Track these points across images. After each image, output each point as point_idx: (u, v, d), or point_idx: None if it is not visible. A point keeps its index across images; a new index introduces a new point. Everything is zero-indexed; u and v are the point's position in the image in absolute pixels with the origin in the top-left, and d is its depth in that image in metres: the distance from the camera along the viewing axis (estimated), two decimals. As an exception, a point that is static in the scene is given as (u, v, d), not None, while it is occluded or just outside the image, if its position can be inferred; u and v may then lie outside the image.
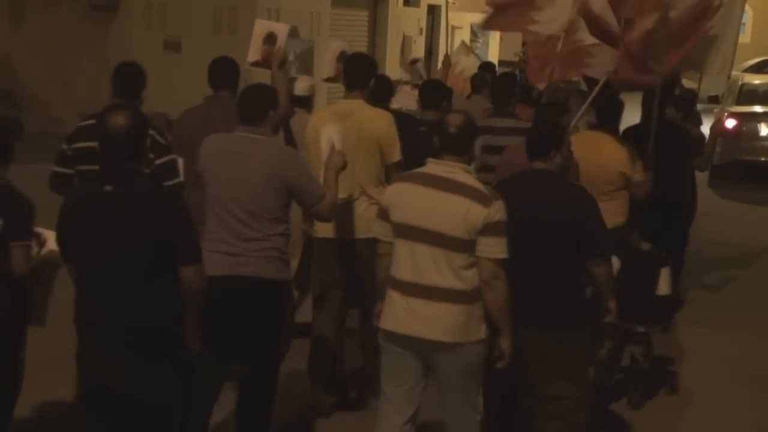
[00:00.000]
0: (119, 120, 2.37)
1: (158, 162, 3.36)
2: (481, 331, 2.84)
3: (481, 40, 18.00)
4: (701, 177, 7.86)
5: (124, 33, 11.22)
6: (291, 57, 4.41)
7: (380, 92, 4.17)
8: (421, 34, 16.36)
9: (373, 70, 3.97)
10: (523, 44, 13.29)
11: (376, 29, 14.69)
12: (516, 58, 15.21)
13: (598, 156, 4.16)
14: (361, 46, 14.24)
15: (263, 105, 3.11)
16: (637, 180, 4.28)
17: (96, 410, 2.49)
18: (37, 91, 10.94)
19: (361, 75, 3.85)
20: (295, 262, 3.89)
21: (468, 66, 7.60)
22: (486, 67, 7.82)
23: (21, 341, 3.05)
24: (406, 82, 7.09)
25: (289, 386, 3.58)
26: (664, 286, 3.99)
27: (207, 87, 4.16)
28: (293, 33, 9.13)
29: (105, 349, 2.40)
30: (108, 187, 2.37)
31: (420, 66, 8.35)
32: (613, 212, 4.00)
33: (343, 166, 3.27)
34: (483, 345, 2.87)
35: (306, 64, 4.82)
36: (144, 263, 2.37)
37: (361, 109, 3.76)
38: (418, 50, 15.21)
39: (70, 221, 2.47)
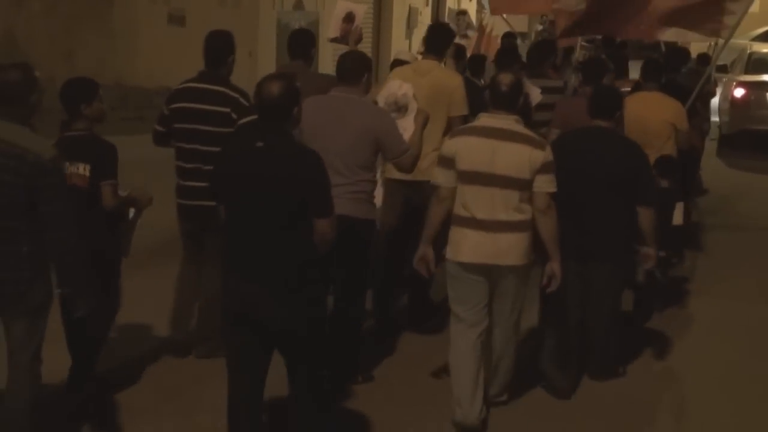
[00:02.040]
0: (275, 87, 2.67)
1: (241, 122, 3.69)
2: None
3: (487, 9, 17.90)
4: (709, 148, 7.90)
5: (128, 7, 11.17)
6: (296, 26, 4.57)
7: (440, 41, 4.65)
8: (427, 5, 16.29)
9: (449, 41, 4.77)
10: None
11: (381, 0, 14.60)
12: (540, 28, 15.23)
13: (650, 113, 4.96)
14: (367, 19, 14.26)
15: (360, 68, 3.65)
16: (683, 129, 5.18)
17: (239, 335, 2.79)
18: (41, 65, 10.79)
19: (439, 43, 4.58)
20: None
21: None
22: (508, 35, 8.17)
23: (116, 269, 3.57)
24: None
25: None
26: (678, 218, 4.81)
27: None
28: (298, 5, 9.26)
29: (249, 281, 2.71)
30: (259, 144, 2.67)
31: (467, 18, 8.60)
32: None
33: (425, 123, 3.82)
34: None
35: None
36: (286, 211, 2.68)
37: (437, 68, 4.49)
38: (425, 21, 15.09)
39: (224, 169, 2.84)
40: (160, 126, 3.94)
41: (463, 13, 8.70)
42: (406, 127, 3.79)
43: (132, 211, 3.58)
